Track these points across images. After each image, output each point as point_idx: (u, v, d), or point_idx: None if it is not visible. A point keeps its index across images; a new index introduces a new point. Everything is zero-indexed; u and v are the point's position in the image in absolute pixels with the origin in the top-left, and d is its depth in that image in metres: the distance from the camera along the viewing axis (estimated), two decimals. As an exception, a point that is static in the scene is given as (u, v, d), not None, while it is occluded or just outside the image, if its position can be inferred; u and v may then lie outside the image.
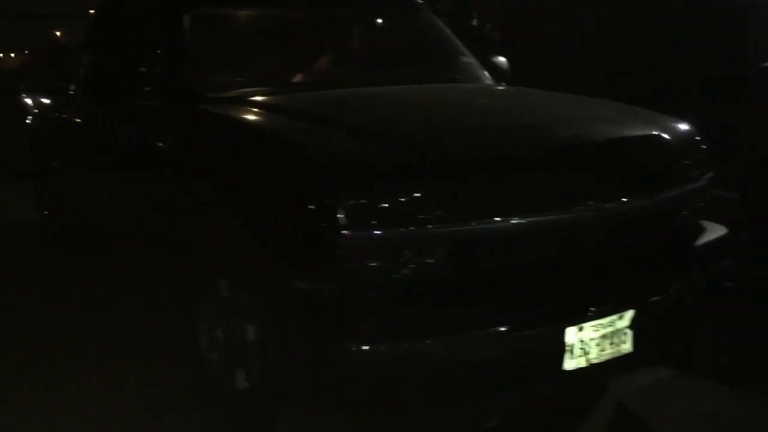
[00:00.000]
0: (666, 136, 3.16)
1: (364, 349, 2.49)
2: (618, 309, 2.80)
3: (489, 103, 3.61)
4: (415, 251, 2.57)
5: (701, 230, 3.26)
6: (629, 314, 2.83)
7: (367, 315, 2.53)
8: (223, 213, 3.04)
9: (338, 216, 2.48)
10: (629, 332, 2.85)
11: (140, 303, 4.24)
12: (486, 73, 4.40)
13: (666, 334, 3.04)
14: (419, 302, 2.57)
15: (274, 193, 2.76)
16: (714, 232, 3.29)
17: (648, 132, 3.16)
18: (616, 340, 2.83)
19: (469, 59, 4.43)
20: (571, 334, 2.71)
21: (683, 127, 3.36)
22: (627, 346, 2.86)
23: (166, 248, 3.62)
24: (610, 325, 2.80)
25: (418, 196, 2.55)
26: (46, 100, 5.96)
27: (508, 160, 2.76)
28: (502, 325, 2.60)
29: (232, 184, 2.99)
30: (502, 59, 4.59)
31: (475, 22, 7.94)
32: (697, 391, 3.51)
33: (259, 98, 3.43)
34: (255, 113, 3.28)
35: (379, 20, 4.35)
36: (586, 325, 2.74)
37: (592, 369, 2.78)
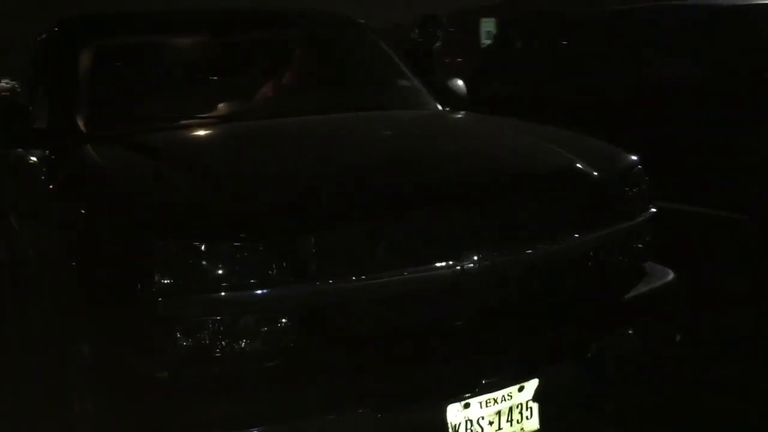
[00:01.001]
0: (591, 169, 2.68)
1: None
2: (516, 379, 2.35)
3: (394, 135, 3.16)
4: (255, 319, 2.16)
5: (640, 276, 2.78)
6: (532, 384, 2.38)
7: (196, 399, 2.13)
8: (73, 269, 2.67)
9: (154, 279, 2.10)
10: (534, 406, 2.39)
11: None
12: (432, 98, 3.95)
13: (585, 403, 2.57)
14: (261, 381, 2.16)
15: (106, 250, 2.38)
16: (656, 277, 2.81)
17: (565, 165, 2.69)
18: (517, 416, 2.38)
19: (411, 83, 4.00)
20: (455, 413, 2.27)
21: (621, 158, 2.89)
22: (533, 423, 2.40)
23: (54, 301, 3.26)
24: (506, 399, 2.34)
25: (257, 254, 2.15)
26: None
27: (370, 206, 2.32)
28: (362, 406, 2.17)
29: (78, 237, 2.62)
30: (458, 82, 4.16)
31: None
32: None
33: (137, 137, 3.04)
34: (114, 155, 2.89)
35: (306, 42, 3.94)
36: (475, 401, 2.29)
37: (486, 452, 2.33)
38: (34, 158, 3.71)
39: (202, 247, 2.12)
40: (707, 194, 5.31)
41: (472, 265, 2.29)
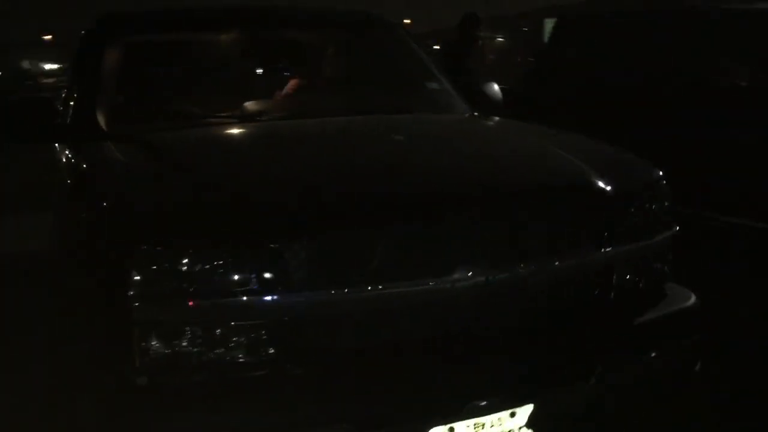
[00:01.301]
0: (606, 181, 2.50)
1: None
2: (508, 403, 2.22)
3: (402, 141, 3.03)
4: (231, 329, 2.10)
5: (658, 298, 2.62)
6: (526, 410, 2.24)
7: (173, 407, 2.07)
8: (72, 268, 2.66)
9: (132, 283, 2.04)
10: (528, 433, 2.26)
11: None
12: (462, 101, 3.82)
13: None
14: (239, 393, 2.09)
15: (93, 251, 2.34)
16: (676, 301, 2.64)
17: (577, 176, 2.54)
18: (507, 443, 2.25)
19: (441, 86, 3.88)
20: (439, 437, 2.16)
21: (643, 170, 2.72)
22: (526, 451, 2.27)
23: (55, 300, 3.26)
24: (496, 425, 2.22)
25: (235, 261, 2.08)
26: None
27: (358, 213, 2.22)
28: (340, 425, 2.08)
29: (76, 235, 2.61)
30: (493, 86, 4.02)
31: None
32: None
33: (147, 136, 2.99)
34: (116, 154, 2.88)
35: (332, 42, 3.86)
36: (461, 425, 2.17)
37: (473, 481, 2.21)
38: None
39: (179, 253, 2.06)
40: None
41: (465, 280, 2.18)
